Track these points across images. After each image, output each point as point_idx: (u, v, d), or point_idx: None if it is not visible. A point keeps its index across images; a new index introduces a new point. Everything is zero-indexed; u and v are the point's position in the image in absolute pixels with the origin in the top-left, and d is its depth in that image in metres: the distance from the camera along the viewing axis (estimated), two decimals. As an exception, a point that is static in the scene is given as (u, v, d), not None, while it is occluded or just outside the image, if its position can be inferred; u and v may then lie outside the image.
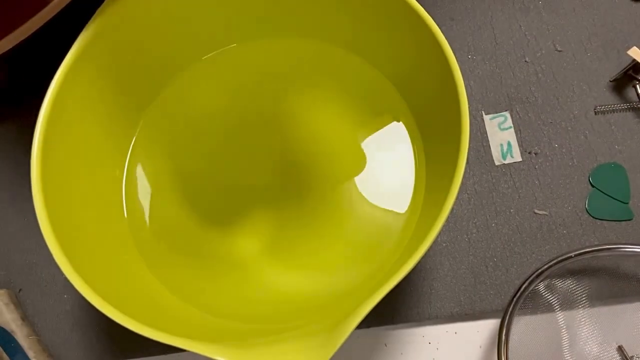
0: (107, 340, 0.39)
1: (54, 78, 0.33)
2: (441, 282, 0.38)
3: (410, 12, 0.33)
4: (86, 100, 0.36)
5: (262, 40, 0.40)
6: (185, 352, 0.26)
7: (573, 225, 0.39)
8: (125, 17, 0.36)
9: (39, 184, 0.31)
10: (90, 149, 0.36)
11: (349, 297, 0.35)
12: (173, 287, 0.36)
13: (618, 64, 0.43)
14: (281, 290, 0.36)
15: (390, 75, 0.40)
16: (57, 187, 0.32)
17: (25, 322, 0.39)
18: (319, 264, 0.36)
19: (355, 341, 0.38)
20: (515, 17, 0.45)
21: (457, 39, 0.45)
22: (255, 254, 0.37)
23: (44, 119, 0.32)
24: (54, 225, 0.30)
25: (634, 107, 0.42)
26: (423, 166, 0.38)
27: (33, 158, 0.31)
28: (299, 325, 0.34)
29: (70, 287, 0.40)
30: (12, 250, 0.42)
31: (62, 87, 0.33)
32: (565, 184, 0.40)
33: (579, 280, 0.37)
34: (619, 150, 0.41)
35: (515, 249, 0.39)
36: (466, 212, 0.40)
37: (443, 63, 0.32)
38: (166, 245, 0.38)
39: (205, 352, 0.26)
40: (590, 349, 0.36)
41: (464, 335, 0.38)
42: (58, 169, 0.33)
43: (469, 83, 0.43)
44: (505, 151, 0.41)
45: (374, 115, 0.39)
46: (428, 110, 0.37)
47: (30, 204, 0.30)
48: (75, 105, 0.35)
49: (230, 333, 0.34)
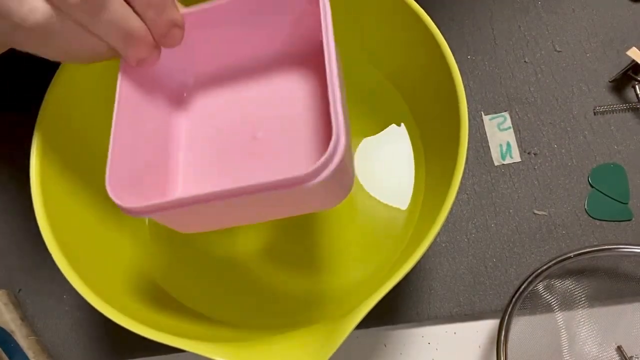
0: (106, 340, 0.39)
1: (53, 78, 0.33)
2: (440, 283, 0.38)
3: (410, 12, 0.33)
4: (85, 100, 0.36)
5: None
6: (185, 352, 0.26)
7: (572, 225, 0.39)
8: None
9: (38, 184, 0.31)
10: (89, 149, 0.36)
11: (349, 297, 0.35)
12: (173, 287, 0.36)
13: (617, 65, 0.43)
14: (281, 290, 0.36)
15: (390, 75, 0.40)
16: (57, 187, 0.32)
17: (24, 322, 0.39)
18: (319, 264, 0.36)
19: (355, 341, 0.38)
20: (514, 17, 0.45)
21: (456, 39, 0.45)
22: (255, 254, 0.37)
23: (44, 119, 0.32)
24: (53, 226, 0.30)
25: (633, 107, 0.42)
26: (423, 166, 0.38)
27: (32, 158, 0.31)
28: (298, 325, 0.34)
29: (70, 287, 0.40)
30: (12, 251, 0.42)
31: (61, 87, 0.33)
32: (564, 185, 0.40)
33: (578, 281, 0.37)
34: (618, 151, 0.41)
35: (514, 250, 0.39)
36: (465, 213, 0.40)
37: (442, 63, 0.32)
38: (166, 246, 0.38)
39: (205, 352, 0.26)
40: (589, 349, 0.36)
41: (463, 335, 0.38)
42: (57, 169, 0.33)
43: (468, 83, 0.43)
44: (505, 151, 0.41)
45: (374, 115, 0.39)
46: (428, 110, 0.37)
47: (30, 204, 0.30)
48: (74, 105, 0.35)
49: (230, 333, 0.34)
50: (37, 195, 0.30)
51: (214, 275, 0.37)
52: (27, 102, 0.47)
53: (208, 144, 0.32)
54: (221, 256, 0.37)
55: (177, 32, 0.27)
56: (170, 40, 0.27)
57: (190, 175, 0.31)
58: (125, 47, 0.25)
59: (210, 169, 0.31)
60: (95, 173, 0.36)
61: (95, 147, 0.37)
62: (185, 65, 0.32)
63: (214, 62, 0.33)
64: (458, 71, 0.31)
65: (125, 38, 0.25)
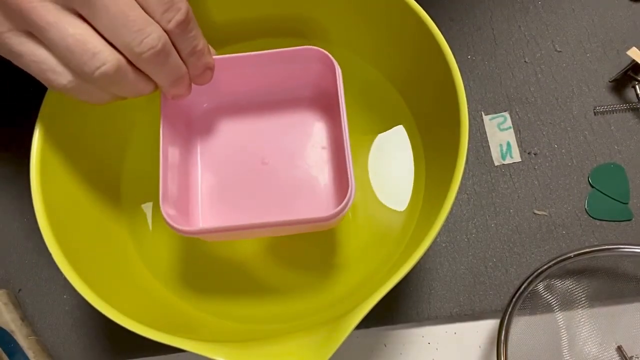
0: (106, 340, 0.39)
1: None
2: (440, 283, 0.38)
3: (410, 12, 0.33)
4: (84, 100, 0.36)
5: (261, 40, 0.40)
6: (185, 352, 0.26)
7: (572, 225, 0.39)
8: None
9: (38, 184, 0.31)
10: (89, 149, 0.36)
11: (349, 297, 0.35)
12: (172, 287, 0.36)
13: (617, 65, 0.43)
14: (281, 290, 0.36)
15: (390, 76, 0.40)
16: (57, 187, 0.32)
17: (24, 322, 0.39)
18: (319, 264, 0.36)
19: (355, 341, 0.38)
20: (514, 17, 0.45)
21: (456, 39, 0.45)
22: (255, 254, 0.37)
23: (43, 119, 0.32)
24: (53, 226, 0.30)
25: (633, 107, 0.42)
26: (423, 166, 0.38)
27: (32, 158, 0.31)
28: (298, 325, 0.34)
29: (70, 287, 0.40)
30: (11, 250, 0.42)
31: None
32: (564, 185, 0.40)
33: (579, 281, 0.37)
34: (619, 151, 0.41)
35: (514, 249, 0.39)
36: (465, 213, 0.40)
37: (442, 63, 0.32)
38: (165, 246, 0.37)
39: (205, 352, 0.26)
40: (589, 349, 0.36)
41: (463, 335, 0.38)
42: (58, 169, 0.33)
43: (468, 83, 0.43)
44: (505, 151, 0.41)
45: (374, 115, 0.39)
46: (428, 110, 0.37)
47: (30, 204, 0.30)
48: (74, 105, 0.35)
49: (230, 333, 0.34)
50: (37, 195, 0.30)
51: (215, 276, 0.37)
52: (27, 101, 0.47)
53: (222, 167, 0.36)
54: (221, 257, 0.37)
55: (209, 74, 0.31)
56: (202, 80, 0.31)
57: (207, 196, 0.35)
58: (170, 87, 0.29)
59: (225, 192, 0.35)
60: (96, 173, 0.37)
61: (95, 147, 0.37)
62: (206, 96, 0.36)
63: (231, 93, 0.37)
64: (458, 71, 0.31)
65: (174, 81, 0.29)
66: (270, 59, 0.34)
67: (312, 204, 0.34)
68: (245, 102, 0.37)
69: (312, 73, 0.35)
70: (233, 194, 0.35)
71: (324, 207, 0.34)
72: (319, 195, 0.35)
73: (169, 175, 0.32)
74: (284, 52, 0.33)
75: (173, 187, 0.32)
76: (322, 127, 0.36)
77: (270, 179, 0.35)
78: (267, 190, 0.35)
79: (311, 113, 0.37)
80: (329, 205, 0.34)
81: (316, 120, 0.37)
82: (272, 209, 0.35)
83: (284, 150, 0.36)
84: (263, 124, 0.37)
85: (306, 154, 0.36)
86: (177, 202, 0.32)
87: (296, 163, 0.36)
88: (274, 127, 0.37)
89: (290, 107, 0.37)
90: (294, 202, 0.35)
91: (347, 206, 0.30)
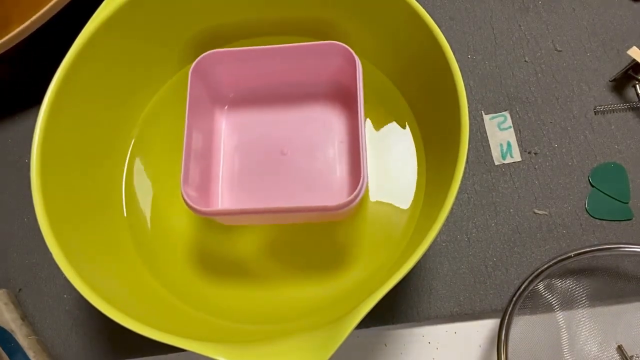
0: (107, 340, 0.39)
1: (53, 79, 0.33)
2: (441, 282, 0.38)
3: (410, 12, 0.33)
4: (85, 101, 0.36)
5: (263, 38, 0.40)
6: (185, 352, 0.26)
7: (573, 225, 0.39)
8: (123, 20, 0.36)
9: (38, 184, 0.31)
10: (89, 149, 0.36)
11: (349, 297, 0.35)
12: (172, 287, 0.36)
13: (618, 64, 0.43)
14: (281, 290, 0.36)
15: (391, 75, 0.40)
16: (57, 188, 0.32)
17: (24, 321, 0.39)
18: (320, 264, 0.36)
19: (355, 341, 0.38)
20: (514, 17, 0.45)
21: (457, 38, 0.45)
22: (255, 254, 0.37)
23: (43, 120, 0.32)
24: (53, 226, 0.30)
25: (633, 107, 0.42)
26: (423, 165, 0.38)
27: (33, 158, 0.31)
28: (298, 325, 0.34)
29: (70, 287, 0.40)
30: (11, 250, 0.42)
31: (60, 88, 0.33)
32: (565, 184, 0.40)
33: (579, 280, 0.37)
34: (619, 150, 0.41)
35: (514, 249, 0.39)
36: (466, 212, 0.40)
37: (443, 63, 0.32)
38: (165, 246, 0.38)
39: (205, 352, 0.26)
40: (589, 348, 0.36)
41: (463, 334, 0.38)
42: (58, 169, 0.33)
43: (468, 83, 0.43)
44: (505, 151, 0.41)
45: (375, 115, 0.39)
46: (428, 109, 0.37)
47: (30, 204, 0.30)
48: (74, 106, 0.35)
49: (230, 333, 0.34)
50: (37, 195, 0.30)
51: (215, 276, 0.37)
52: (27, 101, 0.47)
53: (243, 155, 0.38)
54: (222, 257, 0.37)
55: None
56: None
57: (227, 181, 0.37)
58: None
59: (244, 178, 0.37)
60: (96, 173, 0.37)
61: (95, 147, 0.37)
62: (232, 86, 0.38)
63: (255, 85, 0.38)
64: (459, 70, 0.31)
65: None
66: (294, 52, 0.35)
67: (326, 195, 0.36)
68: (269, 94, 0.39)
69: (332, 68, 0.36)
70: (251, 180, 0.37)
71: (337, 199, 0.34)
72: (333, 187, 0.36)
73: (191, 158, 0.33)
74: (308, 45, 0.35)
75: (195, 170, 0.34)
76: (341, 121, 0.38)
77: (288, 168, 0.37)
78: (284, 180, 0.37)
79: (331, 107, 0.38)
80: (342, 198, 0.35)
81: (335, 114, 0.38)
82: (288, 197, 0.36)
83: (303, 142, 0.37)
84: (284, 115, 0.38)
85: (324, 147, 0.37)
86: (198, 185, 0.34)
87: (314, 155, 0.37)
88: (295, 119, 0.38)
89: (311, 100, 0.39)
90: (309, 192, 0.36)
91: (358, 197, 0.30)
